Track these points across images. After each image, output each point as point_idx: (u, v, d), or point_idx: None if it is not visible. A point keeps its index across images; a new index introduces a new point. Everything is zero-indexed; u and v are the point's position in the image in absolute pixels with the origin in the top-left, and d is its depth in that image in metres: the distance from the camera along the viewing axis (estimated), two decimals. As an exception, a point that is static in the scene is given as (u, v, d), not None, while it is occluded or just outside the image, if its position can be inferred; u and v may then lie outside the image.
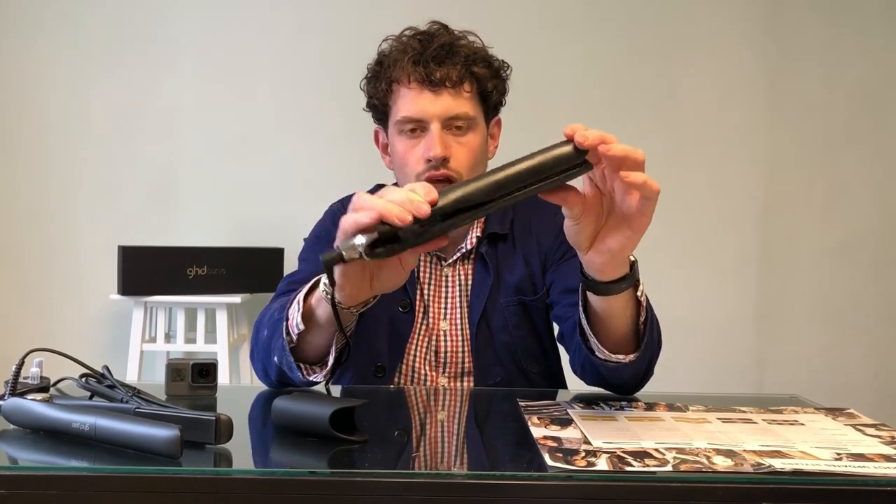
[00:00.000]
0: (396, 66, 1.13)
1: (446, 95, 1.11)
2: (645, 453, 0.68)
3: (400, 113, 1.14)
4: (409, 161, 1.13)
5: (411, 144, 1.14)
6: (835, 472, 0.63)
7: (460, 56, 1.13)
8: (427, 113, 1.11)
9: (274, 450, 0.72)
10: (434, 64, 1.11)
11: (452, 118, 1.12)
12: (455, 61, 1.12)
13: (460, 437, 0.82)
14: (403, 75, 1.12)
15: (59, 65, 2.67)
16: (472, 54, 1.14)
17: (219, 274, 2.40)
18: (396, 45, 1.16)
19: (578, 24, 2.69)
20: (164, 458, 0.64)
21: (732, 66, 2.71)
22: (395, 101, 1.15)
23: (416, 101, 1.12)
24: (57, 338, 2.67)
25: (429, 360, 1.19)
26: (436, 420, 0.91)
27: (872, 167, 2.72)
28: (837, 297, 2.72)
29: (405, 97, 1.13)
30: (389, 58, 1.15)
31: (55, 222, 2.68)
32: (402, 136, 1.15)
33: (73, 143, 2.68)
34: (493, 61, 1.18)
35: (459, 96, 1.12)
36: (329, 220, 1.26)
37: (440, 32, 1.16)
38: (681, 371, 2.57)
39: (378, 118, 1.22)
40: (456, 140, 1.13)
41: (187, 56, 2.68)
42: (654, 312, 1.00)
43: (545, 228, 1.23)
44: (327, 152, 2.68)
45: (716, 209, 2.72)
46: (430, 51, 1.11)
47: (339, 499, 0.61)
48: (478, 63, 1.14)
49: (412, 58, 1.12)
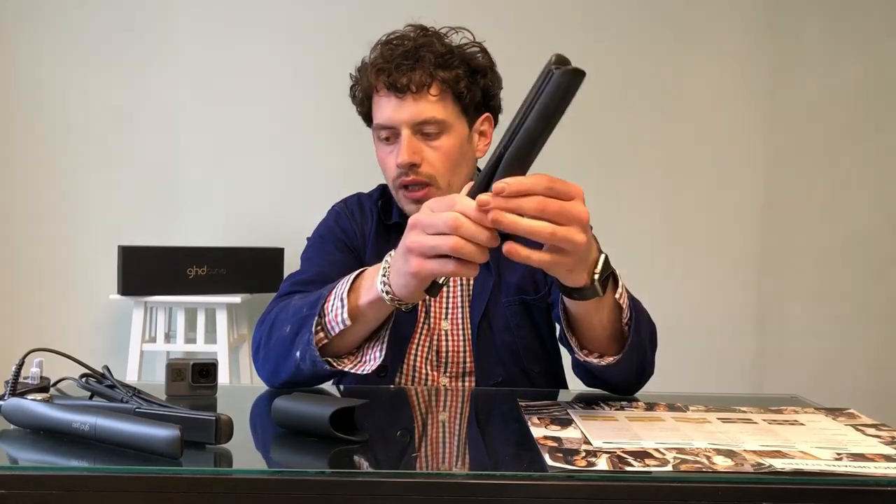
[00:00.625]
0: (370, 74, 1.15)
1: (410, 101, 1.12)
2: (645, 453, 0.68)
3: (375, 120, 1.17)
4: (386, 167, 1.18)
5: (387, 150, 1.17)
6: (835, 472, 0.63)
7: (425, 61, 1.12)
8: (394, 120, 1.13)
9: (274, 450, 0.72)
10: (398, 71, 1.12)
11: (421, 123, 1.13)
12: (421, 66, 1.12)
13: (460, 437, 0.82)
14: (376, 82, 1.15)
15: (58, 64, 2.67)
16: (438, 57, 1.13)
17: (219, 274, 2.40)
18: (371, 53, 1.18)
19: (578, 24, 2.69)
20: (164, 458, 0.64)
21: (732, 66, 2.71)
22: (372, 108, 1.18)
23: (385, 108, 1.14)
24: (57, 338, 2.67)
25: (430, 360, 1.19)
26: (436, 420, 0.91)
27: (872, 167, 2.72)
28: (837, 297, 2.72)
29: (378, 104, 1.16)
30: (365, 66, 1.18)
31: (55, 222, 2.68)
32: (380, 143, 1.18)
33: (73, 142, 2.68)
34: (470, 60, 1.17)
35: (425, 101, 1.13)
36: (332, 219, 1.26)
37: (408, 35, 1.16)
38: (681, 371, 2.57)
39: (367, 124, 1.24)
40: (427, 144, 1.14)
41: (187, 56, 2.68)
42: (646, 313, 1.01)
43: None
44: (327, 152, 2.68)
45: (716, 209, 2.72)
46: (395, 57, 1.13)
47: (339, 499, 0.61)
48: (446, 66, 1.13)
49: (379, 66, 1.13)
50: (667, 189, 2.72)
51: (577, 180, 0.77)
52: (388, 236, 1.23)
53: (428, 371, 1.19)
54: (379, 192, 1.29)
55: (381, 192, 1.29)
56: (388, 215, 1.24)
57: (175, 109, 2.69)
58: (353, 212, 1.26)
